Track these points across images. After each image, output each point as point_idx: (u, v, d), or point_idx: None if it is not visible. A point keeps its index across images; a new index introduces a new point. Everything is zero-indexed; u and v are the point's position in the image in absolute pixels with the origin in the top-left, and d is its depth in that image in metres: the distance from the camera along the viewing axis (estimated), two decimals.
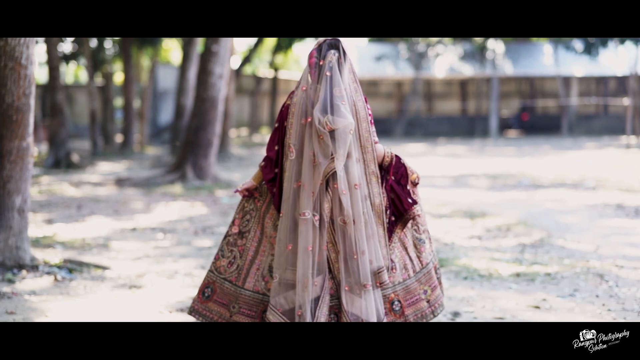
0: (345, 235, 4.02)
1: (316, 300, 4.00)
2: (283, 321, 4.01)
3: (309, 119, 4.07)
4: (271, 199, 4.27)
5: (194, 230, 9.19)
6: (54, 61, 18.04)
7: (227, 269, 4.30)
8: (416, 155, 22.74)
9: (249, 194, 4.35)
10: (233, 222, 4.35)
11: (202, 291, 4.33)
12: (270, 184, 4.25)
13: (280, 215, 4.14)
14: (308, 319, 3.96)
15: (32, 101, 6.81)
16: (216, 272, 4.32)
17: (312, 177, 4.04)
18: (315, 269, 4.01)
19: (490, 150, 24.53)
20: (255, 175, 4.34)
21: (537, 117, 36.89)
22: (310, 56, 4.17)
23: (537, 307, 5.54)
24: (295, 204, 4.09)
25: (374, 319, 3.98)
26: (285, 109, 4.22)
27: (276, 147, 4.23)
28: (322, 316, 3.99)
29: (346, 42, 4.25)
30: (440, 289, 4.33)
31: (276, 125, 4.26)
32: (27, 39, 6.64)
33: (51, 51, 17.92)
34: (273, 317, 4.05)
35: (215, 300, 4.31)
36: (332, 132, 3.99)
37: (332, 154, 4.01)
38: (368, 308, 3.99)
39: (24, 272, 6.61)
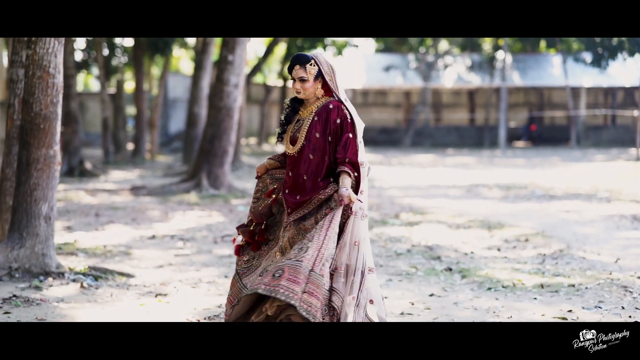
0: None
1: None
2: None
3: None
4: (285, 211, 4.61)
5: (213, 239, 9.23)
6: (69, 69, 18.12)
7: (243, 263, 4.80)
8: (425, 166, 22.78)
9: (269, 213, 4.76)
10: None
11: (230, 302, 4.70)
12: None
13: None
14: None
15: (59, 110, 6.89)
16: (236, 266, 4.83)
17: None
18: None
19: (500, 161, 24.54)
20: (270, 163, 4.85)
21: (545, 128, 36.94)
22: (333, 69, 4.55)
23: (564, 319, 5.56)
24: None
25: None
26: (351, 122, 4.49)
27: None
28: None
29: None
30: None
31: (329, 139, 4.54)
32: (55, 48, 6.71)
33: (65, 59, 17.95)
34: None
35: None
36: None
37: None
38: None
39: (50, 279, 6.66)
